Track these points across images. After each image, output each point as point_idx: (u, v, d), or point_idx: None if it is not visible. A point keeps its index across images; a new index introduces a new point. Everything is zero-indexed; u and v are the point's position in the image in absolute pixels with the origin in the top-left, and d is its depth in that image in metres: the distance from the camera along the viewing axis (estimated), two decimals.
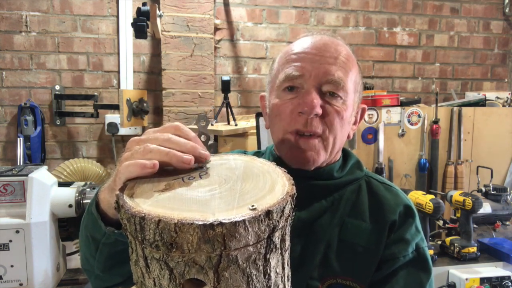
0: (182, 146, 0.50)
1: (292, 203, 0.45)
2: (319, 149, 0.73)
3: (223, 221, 0.37)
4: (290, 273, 0.50)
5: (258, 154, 0.90)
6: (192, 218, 0.38)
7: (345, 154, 0.86)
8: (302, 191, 0.48)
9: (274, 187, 0.46)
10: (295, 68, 0.73)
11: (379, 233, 0.73)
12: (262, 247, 0.41)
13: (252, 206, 0.40)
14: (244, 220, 0.38)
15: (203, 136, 0.51)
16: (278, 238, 0.44)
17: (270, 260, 0.43)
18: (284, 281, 0.47)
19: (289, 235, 0.47)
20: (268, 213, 0.40)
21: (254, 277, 0.41)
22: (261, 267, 0.42)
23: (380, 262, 0.72)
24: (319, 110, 0.70)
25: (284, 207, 0.43)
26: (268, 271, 0.43)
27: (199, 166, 0.52)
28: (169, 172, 0.51)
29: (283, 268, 0.46)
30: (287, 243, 0.47)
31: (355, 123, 0.83)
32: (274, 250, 0.43)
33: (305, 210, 0.74)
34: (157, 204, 0.42)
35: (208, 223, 0.37)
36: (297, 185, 0.48)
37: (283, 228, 0.45)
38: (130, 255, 0.46)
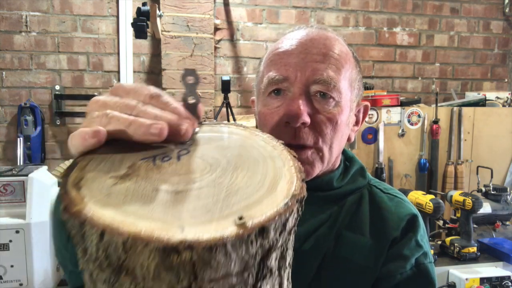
0: (153, 116, 0.37)
1: (300, 209, 0.33)
2: (314, 160, 0.64)
3: (193, 244, 0.26)
4: (290, 286, 0.40)
5: None
6: (149, 233, 0.26)
7: (348, 159, 0.78)
8: None
9: (276, 183, 0.33)
10: (278, 70, 0.64)
11: (378, 250, 0.66)
12: (250, 276, 0.30)
13: (240, 218, 0.28)
14: (225, 244, 0.26)
15: (191, 98, 0.40)
16: (276, 259, 0.33)
17: None
18: None
19: (292, 247, 0.36)
20: (262, 230, 0.28)
21: None
22: None
23: (377, 279, 0.66)
24: (306, 119, 0.61)
25: (288, 219, 0.31)
26: None
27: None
28: (138, 144, 0.37)
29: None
30: (289, 258, 0.36)
31: (356, 124, 0.74)
32: (268, 275, 0.32)
33: (300, 224, 0.67)
34: (108, 201, 0.30)
35: (171, 245, 0.26)
36: None
37: (284, 244, 0.33)
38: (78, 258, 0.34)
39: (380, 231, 0.68)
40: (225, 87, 2.02)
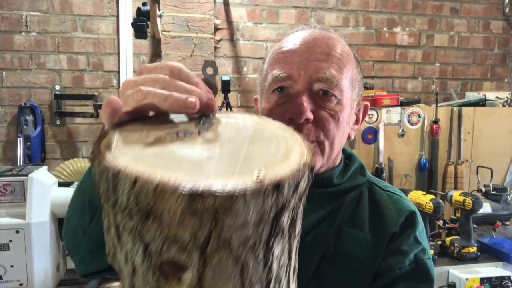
0: (184, 90, 0.41)
1: (310, 177, 0.36)
2: (314, 153, 0.65)
3: (217, 190, 0.29)
4: (297, 264, 0.41)
5: None
6: (178, 180, 0.29)
7: (348, 157, 0.79)
8: None
9: (289, 154, 0.36)
10: (283, 68, 0.66)
11: (377, 246, 0.68)
12: (265, 230, 0.33)
13: (258, 174, 0.31)
14: (244, 192, 0.30)
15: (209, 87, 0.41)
16: (287, 221, 0.35)
17: (274, 247, 0.34)
18: (289, 273, 0.38)
19: (301, 218, 0.39)
20: (277, 186, 0.31)
21: (250, 267, 0.33)
22: (260, 255, 0.33)
23: (376, 274, 0.68)
24: (309, 115, 0.63)
25: (300, 181, 0.34)
26: (270, 260, 0.34)
27: (199, 121, 0.43)
28: (161, 124, 0.41)
29: (289, 258, 0.38)
30: (298, 228, 0.38)
31: (356, 122, 0.76)
32: (280, 235, 0.34)
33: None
34: (139, 159, 0.33)
35: (197, 190, 0.29)
36: None
37: (295, 208, 0.36)
38: (103, 220, 0.37)
39: (379, 227, 0.69)
40: (225, 87, 2.02)
